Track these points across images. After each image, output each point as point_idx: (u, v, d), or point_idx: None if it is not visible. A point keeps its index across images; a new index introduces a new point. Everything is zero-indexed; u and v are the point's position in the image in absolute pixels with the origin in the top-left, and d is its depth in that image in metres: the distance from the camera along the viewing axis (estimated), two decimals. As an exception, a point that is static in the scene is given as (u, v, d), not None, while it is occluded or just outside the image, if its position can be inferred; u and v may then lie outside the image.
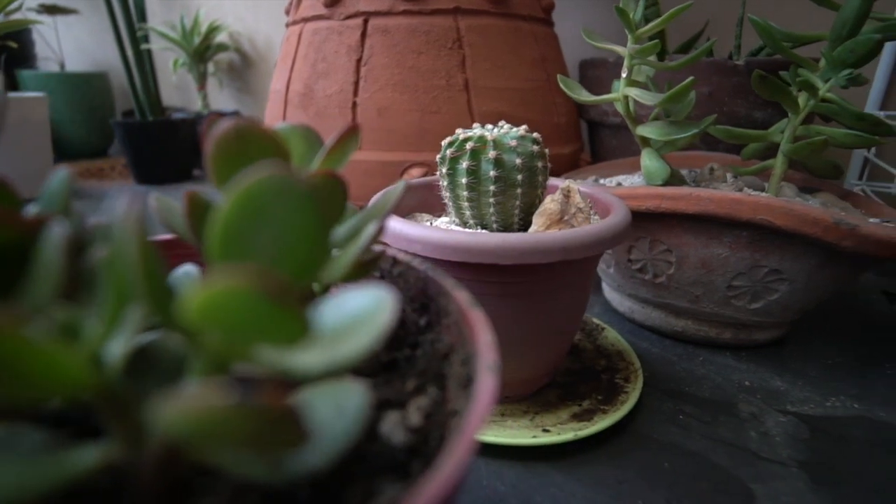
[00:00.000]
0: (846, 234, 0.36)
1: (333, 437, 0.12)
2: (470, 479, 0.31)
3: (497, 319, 0.31)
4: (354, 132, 0.19)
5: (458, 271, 0.30)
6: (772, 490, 0.30)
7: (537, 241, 0.27)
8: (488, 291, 0.31)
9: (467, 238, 0.28)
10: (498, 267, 0.29)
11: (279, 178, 0.12)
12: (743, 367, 0.43)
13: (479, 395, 0.13)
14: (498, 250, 0.27)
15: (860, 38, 0.41)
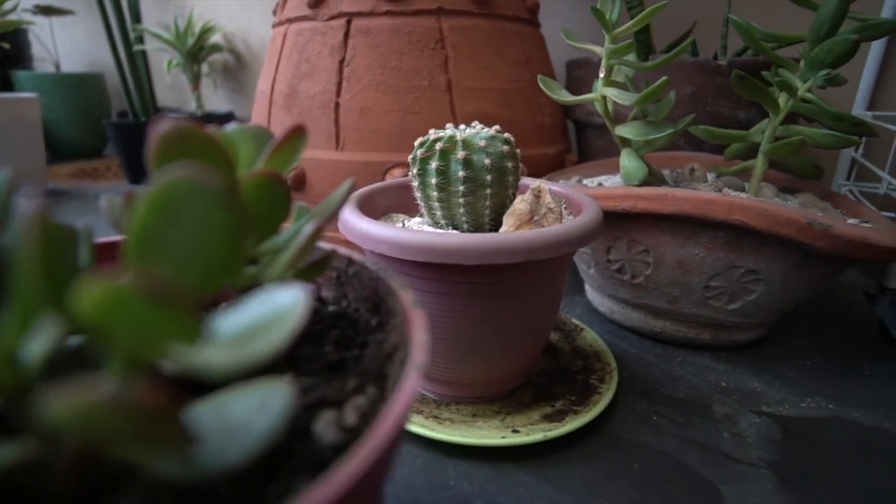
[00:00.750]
0: (819, 235, 0.35)
1: (253, 434, 0.12)
2: (437, 479, 0.31)
3: (466, 320, 0.31)
4: (298, 133, 0.19)
5: (425, 272, 0.30)
6: (739, 491, 0.30)
7: (501, 241, 0.27)
8: (456, 292, 0.31)
9: (431, 238, 0.28)
10: (464, 267, 0.29)
11: (190, 179, 0.12)
12: (721, 367, 0.43)
13: (397, 395, 0.13)
14: (461, 250, 0.27)
15: (837, 38, 0.40)
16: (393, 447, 0.13)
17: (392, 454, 0.13)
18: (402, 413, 0.13)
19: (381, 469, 0.13)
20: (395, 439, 0.13)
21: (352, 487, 0.10)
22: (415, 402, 0.36)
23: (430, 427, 0.33)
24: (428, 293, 0.31)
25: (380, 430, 0.12)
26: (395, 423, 0.12)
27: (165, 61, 1.17)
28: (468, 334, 0.32)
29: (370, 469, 0.11)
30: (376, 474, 0.12)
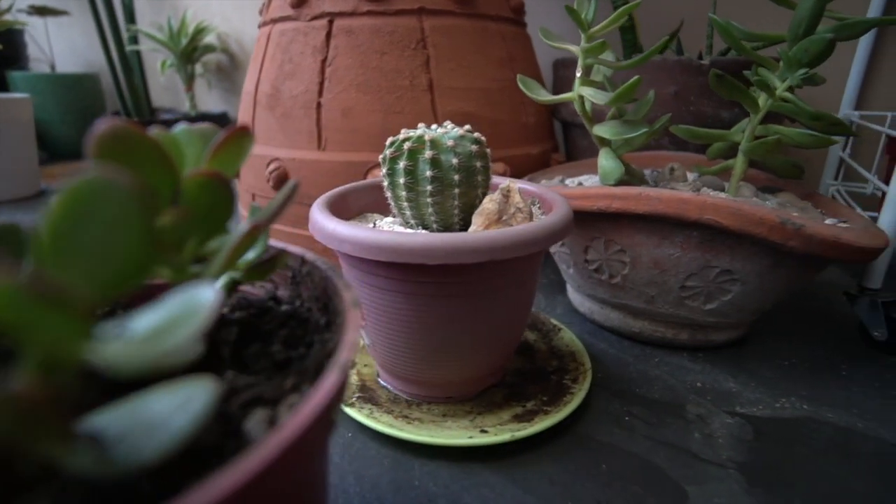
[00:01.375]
0: (792, 235, 0.35)
1: (170, 431, 0.12)
2: (403, 479, 0.31)
3: (432, 320, 0.31)
4: (241, 133, 0.19)
5: (391, 271, 0.30)
6: (706, 492, 0.30)
7: (463, 241, 0.27)
8: (422, 291, 0.31)
9: (394, 238, 0.28)
10: (428, 267, 0.29)
11: (102, 180, 0.12)
12: (698, 368, 0.43)
13: (314, 392, 0.13)
14: (423, 250, 0.27)
15: (814, 37, 0.40)
16: (308, 443, 0.13)
17: (310, 450, 0.13)
18: (318, 410, 0.13)
19: (295, 465, 0.13)
20: (309, 435, 0.13)
21: (245, 486, 0.10)
22: (386, 402, 0.36)
23: (399, 427, 0.33)
24: (394, 293, 0.31)
25: (285, 430, 0.12)
26: (307, 421, 0.12)
27: (159, 62, 1.18)
28: (435, 334, 0.32)
29: (273, 466, 0.11)
30: (288, 470, 0.12)
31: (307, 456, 0.14)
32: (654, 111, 0.58)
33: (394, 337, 0.33)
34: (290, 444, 0.12)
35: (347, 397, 0.36)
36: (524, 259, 0.31)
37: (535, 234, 0.29)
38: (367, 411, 0.34)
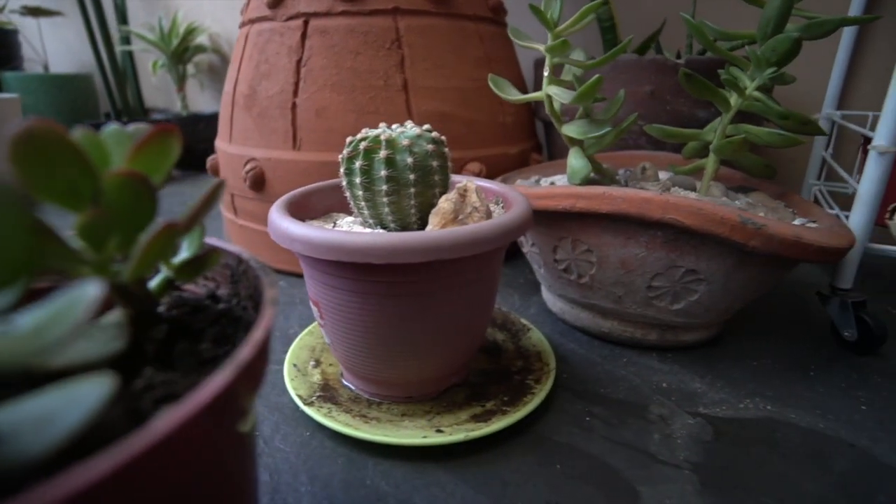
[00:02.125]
0: (753, 234, 0.35)
1: (61, 427, 0.12)
2: (355, 478, 0.31)
3: (384, 319, 0.31)
4: (164, 134, 0.19)
5: (343, 270, 0.30)
6: (658, 492, 0.30)
7: (408, 240, 0.27)
8: (374, 291, 0.31)
9: (338, 237, 0.28)
10: (377, 266, 0.29)
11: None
12: (666, 368, 0.43)
13: (201, 389, 0.13)
14: (368, 249, 0.27)
15: (780, 36, 0.40)
16: (192, 437, 0.13)
17: (201, 442, 0.13)
18: (198, 408, 0.13)
19: (181, 456, 0.13)
20: (188, 432, 0.13)
21: (99, 482, 0.10)
22: (346, 402, 0.36)
23: (356, 426, 0.33)
24: (348, 292, 0.31)
25: (158, 426, 0.12)
26: (185, 418, 0.12)
27: (150, 62, 1.18)
28: (389, 333, 0.32)
29: (143, 462, 0.11)
30: (171, 462, 0.12)
31: (199, 447, 0.14)
32: (631, 110, 0.58)
33: (350, 336, 0.33)
34: (159, 441, 0.12)
35: (308, 396, 0.36)
36: (476, 258, 0.31)
37: (481, 233, 0.29)
38: (326, 410, 0.34)
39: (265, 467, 0.31)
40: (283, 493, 0.30)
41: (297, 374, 0.39)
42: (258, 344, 0.16)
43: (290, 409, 0.37)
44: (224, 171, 0.63)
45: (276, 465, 0.32)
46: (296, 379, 0.38)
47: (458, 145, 0.56)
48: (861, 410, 0.37)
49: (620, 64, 0.56)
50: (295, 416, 0.36)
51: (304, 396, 0.36)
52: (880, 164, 0.41)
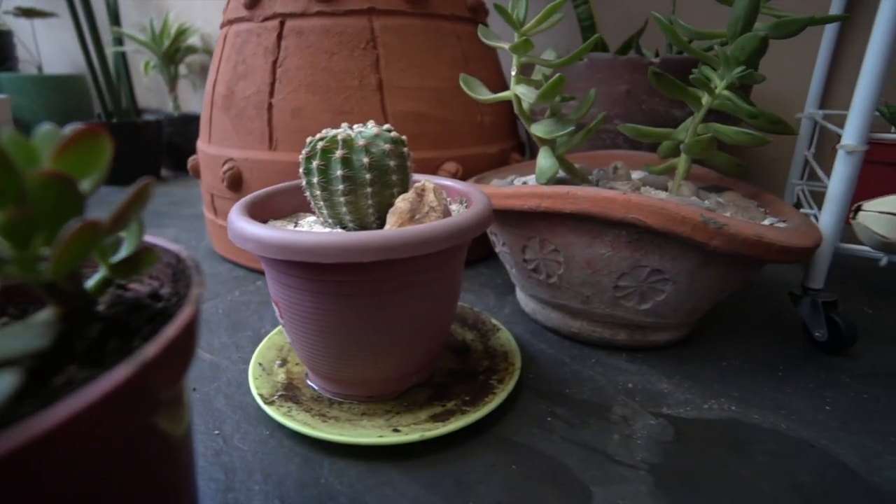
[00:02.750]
0: (714, 234, 0.35)
1: None
2: (309, 477, 0.31)
3: (337, 318, 0.31)
4: (89, 134, 0.19)
5: (295, 270, 0.30)
6: (611, 493, 0.30)
7: (356, 239, 0.27)
8: (326, 290, 0.31)
9: (288, 236, 0.28)
10: (327, 266, 0.29)
11: None
12: (634, 368, 0.42)
13: (94, 384, 0.13)
14: (316, 248, 0.27)
15: (748, 35, 0.40)
16: (86, 430, 0.13)
17: (101, 437, 0.14)
18: (86, 404, 0.13)
19: (73, 451, 0.13)
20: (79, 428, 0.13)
21: None
22: (307, 401, 0.36)
23: (313, 425, 0.33)
24: (302, 291, 0.31)
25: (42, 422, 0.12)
26: (74, 413, 0.12)
27: (142, 63, 1.19)
28: (343, 333, 0.32)
29: (36, 449, 0.12)
30: (63, 456, 0.13)
31: (103, 438, 0.14)
32: (607, 109, 0.57)
33: (307, 336, 0.33)
34: (41, 436, 0.12)
35: (269, 395, 0.36)
36: (430, 258, 0.31)
37: (432, 233, 0.29)
38: (286, 409, 0.35)
39: (221, 466, 0.31)
40: (236, 491, 0.30)
41: (262, 374, 0.39)
42: (166, 341, 0.16)
43: (252, 408, 0.37)
44: (204, 171, 0.63)
45: (232, 464, 0.32)
46: (260, 378, 0.38)
47: (433, 145, 0.56)
48: (825, 411, 0.37)
49: (596, 63, 0.56)
50: (257, 416, 0.36)
51: (265, 395, 0.36)
52: (848, 164, 0.41)
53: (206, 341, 0.46)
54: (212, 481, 0.30)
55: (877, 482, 0.31)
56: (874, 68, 0.39)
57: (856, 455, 0.33)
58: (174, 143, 1.16)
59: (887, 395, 0.39)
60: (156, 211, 0.92)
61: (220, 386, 0.40)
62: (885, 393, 0.39)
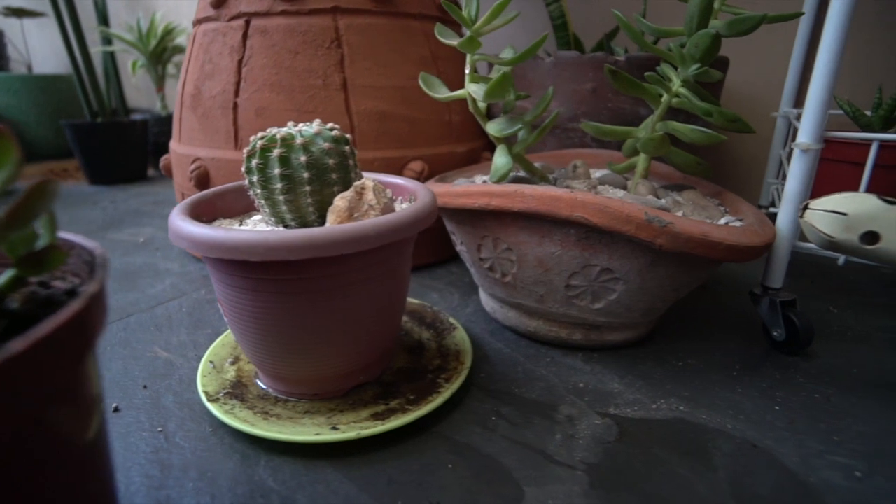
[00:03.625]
0: (658, 232, 0.35)
1: None
2: (244, 474, 0.31)
3: (272, 316, 0.31)
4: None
5: (230, 268, 0.30)
6: (543, 493, 0.30)
7: (283, 238, 0.27)
8: (262, 288, 0.31)
9: (218, 234, 0.28)
10: (257, 264, 0.29)
11: None
12: (588, 368, 0.42)
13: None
14: (242, 247, 0.28)
15: (701, 32, 0.40)
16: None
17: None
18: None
19: None
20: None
21: None
22: (253, 399, 0.36)
23: (252, 423, 0.33)
24: (238, 289, 0.31)
25: None
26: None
27: (129, 62, 1.19)
28: (281, 331, 0.32)
29: None
30: None
31: None
32: (573, 108, 0.57)
33: (248, 334, 0.33)
34: None
35: (214, 393, 0.36)
36: (364, 256, 0.31)
37: (360, 231, 0.29)
38: (229, 407, 0.35)
39: (158, 463, 0.32)
40: (168, 488, 0.30)
41: (212, 371, 0.39)
42: (36, 338, 0.16)
43: (199, 406, 0.37)
44: (175, 170, 0.63)
45: (169, 461, 0.32)
46: (208, 376, 0.38)
47: (399, 144, 0.56)
48: (774, 411, 0.37)
49: (562, 61, 0.56)
50: (202, 414, 0.36)
51: (210, 393, 0.36)
52: (804, 162, 0.41)
53: (164, 339, 0.47)
54: (146, 478, 0.30)
55: (812, 482, 0.30)
56: (826, 67, 0.38)
57: (796, 455, 0.32)
58: (161, 142, 1.17)
59: (839, 395, 0.39)
60: (137, 210, 0.93)
61: (171, 384, 0.40)
62: (837, 392, 0.39)
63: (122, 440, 0.33)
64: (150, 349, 0.45)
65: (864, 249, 0.34)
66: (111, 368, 0.42)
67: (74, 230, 0.80)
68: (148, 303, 0.54)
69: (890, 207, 0.33)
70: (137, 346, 0.45)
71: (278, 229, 0.34)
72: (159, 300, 0.54)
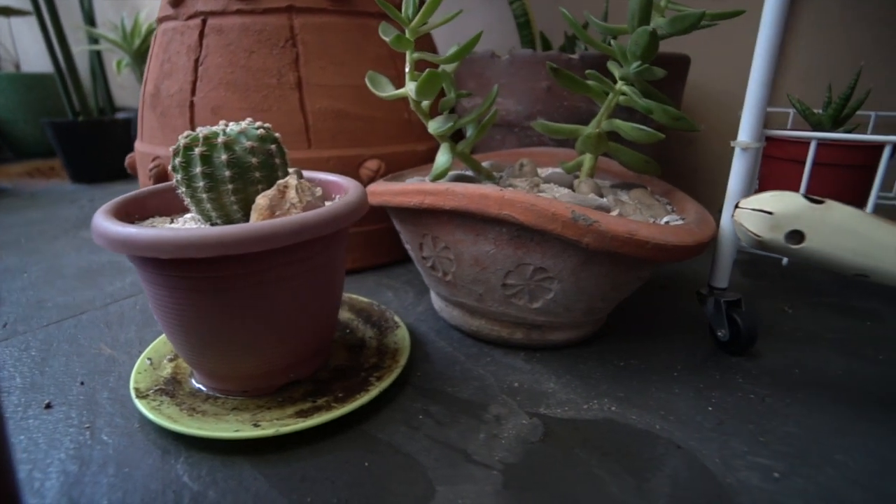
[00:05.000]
0: (584, 231, 0.35)
1: None
2: (161, 470, 0.31)
3: (190, 313, 0.32)
4: None
5: (145, 265, 0.31)
6: (453, 492, 0.29)
7: (189, 235, 0.28)
8: (180, 286, 0.31)
9: (128, 232, 0.28)
10: (171, 261, 0.29)
11: None
12: (528, 368, 0.42)
13: None
14: (152, 244, 0.28)
15: (639, 29, 0.39)
16: None
17: None
18: None
19: None
20: None
21: None
22: (183, 395, 0.36)
23: (175, 419, 0.33)
24: (158, 286, 0.31)
25: None
26: None
27: (114, 61, 1.20)
28: (199, 328, 0.32)
29: None
30: None
31: None
32: (529, 106, 0.57)
33: (171, 330, 0.33)
34: None
35: (145, 390, 0.36)
36: (280, 254, 0.31)
37: (272, 230, 0.29)
38: (157, 403, 0.35)
39: (79, 459, 0.32)
40: (83, 485, 0.30)
41: (148, 368, 0.39)
42: None
43: (131, 402, 0.37)
44: (139, 169, 0.64)
45: (90, 457, 0.32)
46: (144, 372, 0.39)
47: (355, 143, 0.56)
48: (706, 412, 0.37)
49: (518, 60, 0.56)
50: (133, 410, 0.37)
51: (141, 390, 0.36)
52: (744, 161, 0.40)
53: (113, 336, 0.47)
54: (63, 474, 0.31)
55: (728, 482, 0.30)
56: (763, 67, 0.38)
57: (718, 456, 0.32)
58: None
59: (774, 395, 0.38)
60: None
61: (109, 380, 0.40)
62: (773, 393, 0.38)
63: (47, 436, 0.34)
64: (96, 346, 0.45)
65: (789, 249, 0.33)
66: (52, 365, 0.42)
67: (47, 228, 0.80)
68: (104, 300, 0.54)
69: (814, 207, 0.32)
70: (84, 343, 0.46)
71: (192, 227, 0.35)
72: (115, 298, 0.55)
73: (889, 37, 0.63)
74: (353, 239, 0.60)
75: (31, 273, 0.62)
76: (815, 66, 0.66)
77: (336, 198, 0.40)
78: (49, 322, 0.50)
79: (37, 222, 0.84)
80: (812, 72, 0.66)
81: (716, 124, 0.76)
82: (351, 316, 0.48)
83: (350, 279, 0.60)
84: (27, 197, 1.00)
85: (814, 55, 0.66)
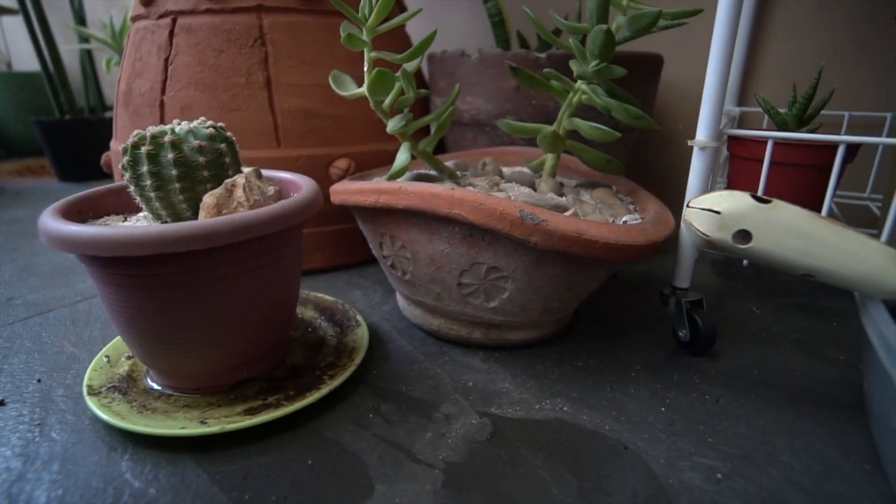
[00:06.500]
0: (532, 230, 0.34)
1: None
2: (105, 468, 0.31)
3: (134, 310, 0.32)
4: None
5: (90, 263, 0.31)
6: (392, 491, 0.29)
7: (128, 233, 0.28)
8: (125, 283, 0.31)
9: (69, 230, 0.28)
10: (111, 259, 0.29)
11: None
12: (485, 367, 0.42)
13: None
14: (91, 242, 0.28)
15: (595, 28, 0.39)
16: None
17: None
18: None
19: None
20: None
21: None
22: (135, 393, 0.36)
23: (123, 416, 0.33)
24: (105, 284, 0.32)
25: None
26: None
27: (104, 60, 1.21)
28: (145, 325, 0.32)
29: None
30: None
31: None
32: (497, 105, 0.57)
33: (120, 327, 0.34)
34: None
35: (98, 387, 0.37)
36: (225, 252, 0.31)
37: (211, 228, 0.29)
38: (108, 401, 0.35)
39: (24, 456, 0.32)
40: (25, 481, 0.30)
41: (105, 366, 0.39)
42: None
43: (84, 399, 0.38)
44: (115, 168, 0.64)
45: (36, 454, 0.32)
46: (99, 370, 0.39)
47: (324, 142, 0.56)
48: (659, 412, 0.36)
49: (486, 59, 0.55)
50: (86, 407, 0.37)
51: (94, 387, 0.37)
52: (702, 160, 0.40)
53: (77, 334, 0.47)
54: (5, 472, 0.31)
55: (670, 483, 0.30)
56: (718, 66, 0.38)
57: (664, 457, 0.32)
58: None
59: (729, 396, 0.38)
60: (100, 207, 0.94)
61: (66, 378, 0.40)
62: (728, 393, 0.38)
63: (-4, 433, 0.34)
64: (59, 343, 0.46)
65: (737, 248, 0.33)
66: (12, 362, 0.42)
67: (29, 226, 0.81)
68: (73, 298, 0.55)
69: (761, 206, 0.32)
70: (47, 341, 0.46)
71: (136, 225, 0.35)
72: (85, 296, 0.55)
73: (863, 36, 0.62)
74: (325, 238, 0.60)
75: (5, 271, 0.62)
76: (788, 67, 0.66)
77: (293, 195, 0.40)
78: (15, 320, 0.50)
79: (20, 220, 0.85)
80: (786, 72, 0.66)
81: (693, 124, 0.75)
82: (315, 314, 0.48)
83: (321, 278, 0.60)
84: (13, 195, 1.00)
85: (786, 55, 0.65)
